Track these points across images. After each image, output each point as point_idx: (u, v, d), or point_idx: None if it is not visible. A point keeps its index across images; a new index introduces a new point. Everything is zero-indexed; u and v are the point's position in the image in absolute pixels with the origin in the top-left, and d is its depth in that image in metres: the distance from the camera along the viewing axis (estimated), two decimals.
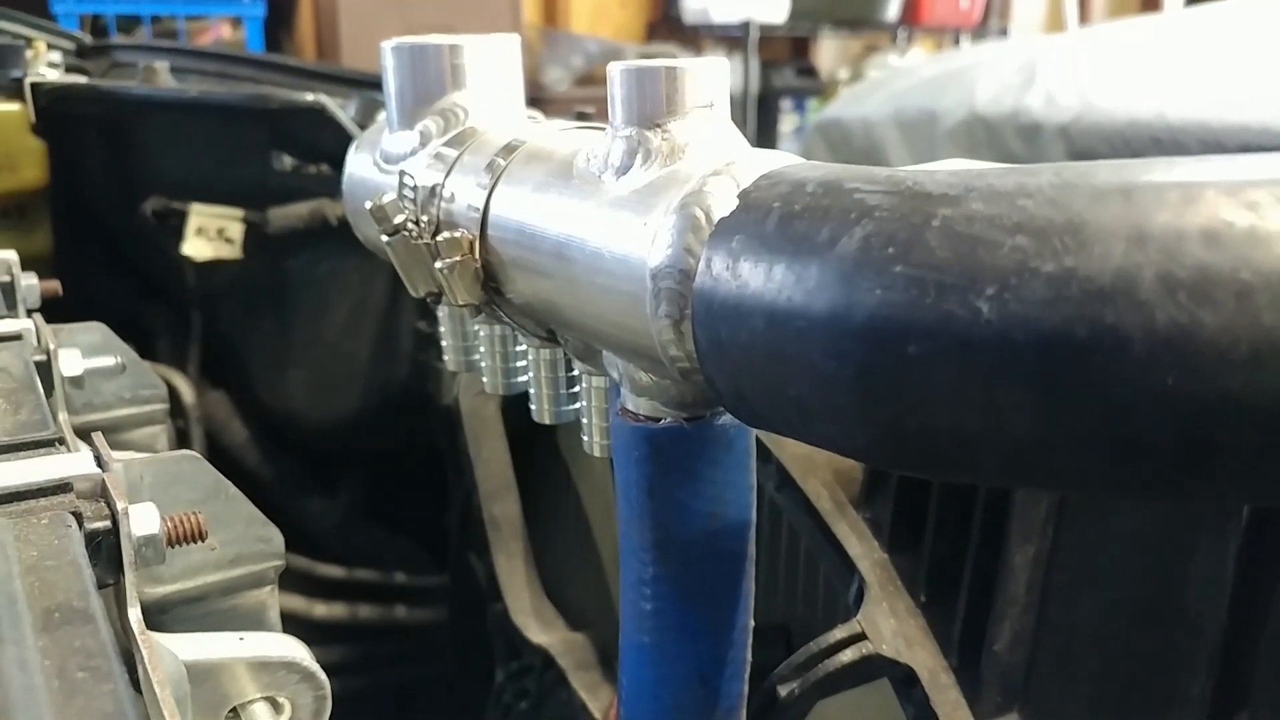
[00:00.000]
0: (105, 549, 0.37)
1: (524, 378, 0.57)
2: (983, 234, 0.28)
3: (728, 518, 0.44)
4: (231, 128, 1.03)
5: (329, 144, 0.97)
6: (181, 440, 1.10)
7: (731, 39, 4.07)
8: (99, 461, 0.41)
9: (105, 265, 1.13)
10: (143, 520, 0.39)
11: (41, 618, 0.30)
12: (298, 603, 1.19)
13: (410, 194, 0.52)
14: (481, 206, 0.47)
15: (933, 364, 0.28)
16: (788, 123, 4.22)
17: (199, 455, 0.46)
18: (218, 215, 1.02)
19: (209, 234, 1.02)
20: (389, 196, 0.50)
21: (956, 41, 4.57)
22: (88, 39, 1.34)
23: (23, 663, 0.28)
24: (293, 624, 1.17)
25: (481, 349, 0.58)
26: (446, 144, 0.53)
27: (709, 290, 0.34)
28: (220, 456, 1.15)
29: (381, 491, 1.23)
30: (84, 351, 0.65)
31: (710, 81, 0.39)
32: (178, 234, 1.03)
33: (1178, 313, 0.25)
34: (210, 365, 1.15)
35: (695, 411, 0.43)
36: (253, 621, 0.50)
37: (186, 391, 1.10)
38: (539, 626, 0.95)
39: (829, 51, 4.72)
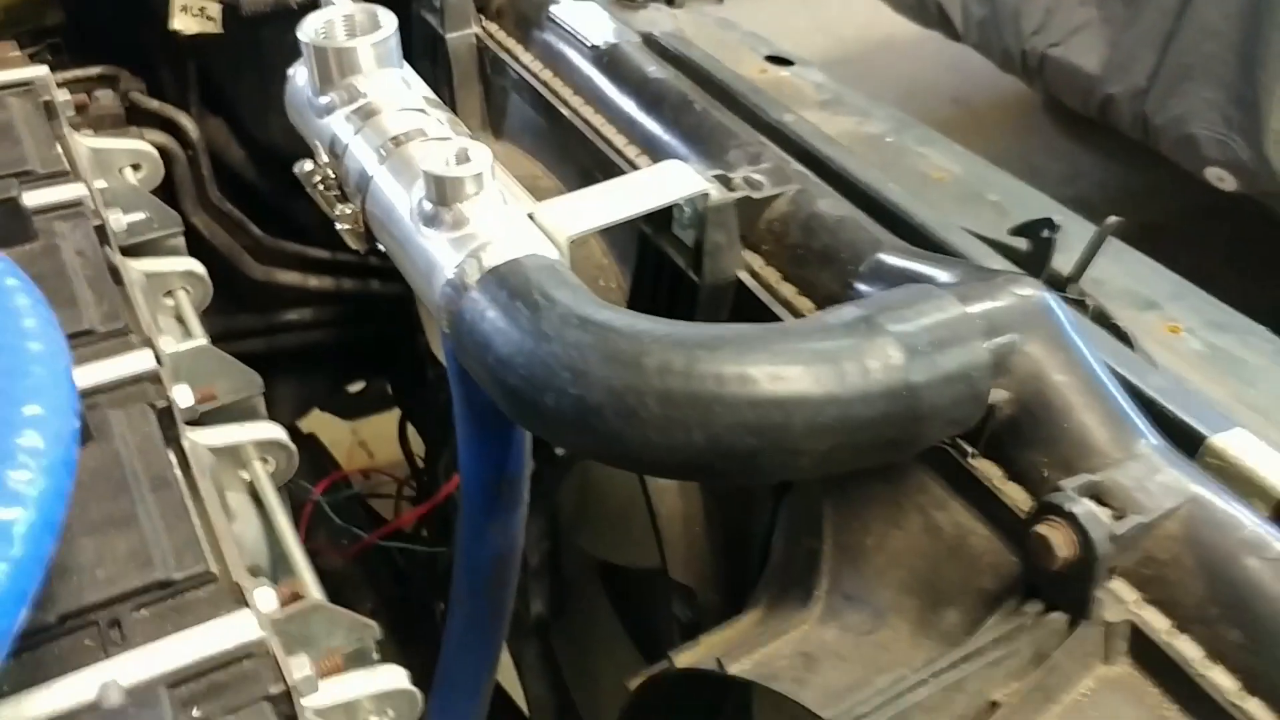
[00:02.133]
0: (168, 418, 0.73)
1: None
2: (565, 359, 0.60)
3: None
4: None
5: None
6: (191, 165, 1.41)
7: None
8: (157, 359, 0.75)
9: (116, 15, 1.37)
10: (183, 395, 0.74)
11: (151, 482, 0.66)
12: (294, 277, 1.55)
13: (324, 154, 0.81)
14: (366, 187, 0.77)
15: (556, 414, 0.60)
16: None
17: (209, 345, 0.80)
18: None
19: (192, 11, 1.25)
20: (309, 165, 0.80)
21: None
22: None
23: (144, 502, 0.64)
24: (293, 292, 1.54)
25: None
26: (351, 114, 0.80)
27: (460, 301, 0.66)
28: (222, 172, 1.47)
29: None
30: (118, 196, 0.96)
31: (484, 177, 0.68)
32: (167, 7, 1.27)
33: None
34: (209, 102, 1.42)
35: None
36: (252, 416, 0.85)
37: (191, 127, 1.39)
38: None
39: None
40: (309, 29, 0.81)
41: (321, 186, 0.81)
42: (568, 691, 1.22)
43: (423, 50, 1.15)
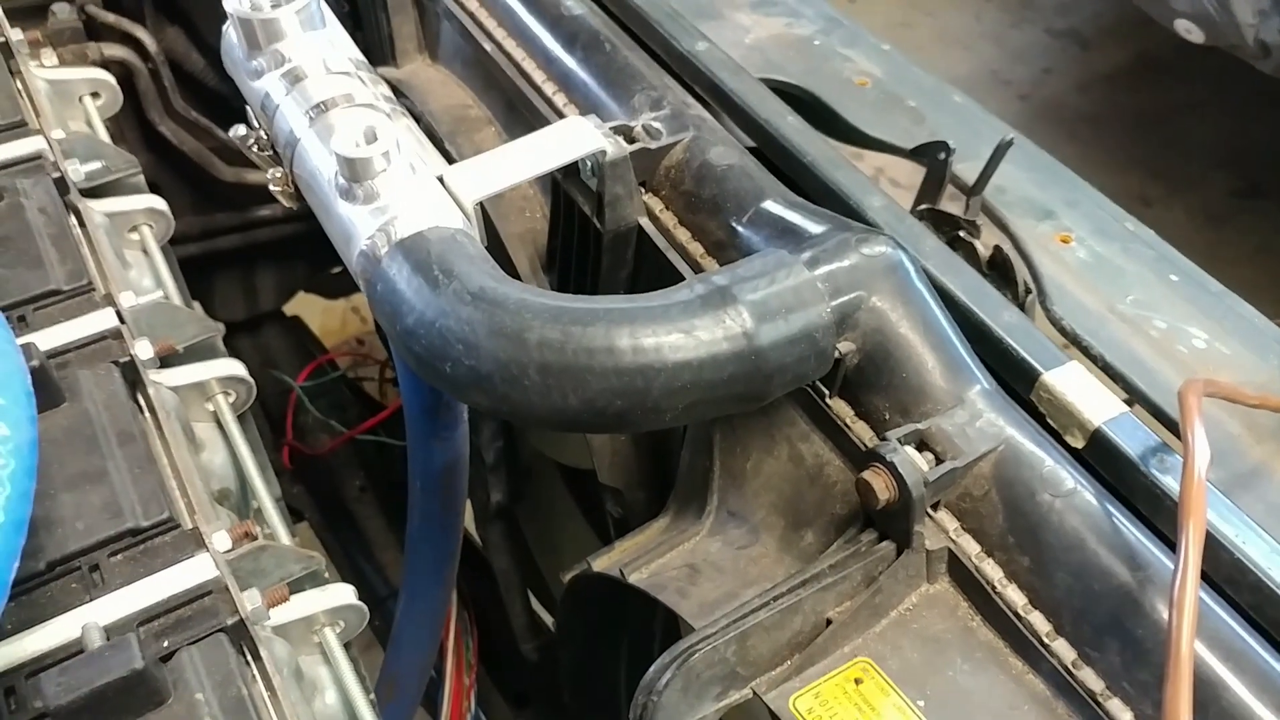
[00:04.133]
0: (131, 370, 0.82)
1: None
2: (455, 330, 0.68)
3: None
4: None
5: None
6: (153, 78, 1.46)
7: None
8: (119, 316, 0.84)
9: None
10: (144, 349, 0.83)
11: (119, 437, 0.76)
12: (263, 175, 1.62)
13: (258, 115, 0.87)
14: (293, 151, 0.84)
15: (453, 379, 0.69)
16: None
17: (165, 301, 0.89)
18: None
19: None
20: (243, 129, 0.87)
21: None
22: None
23: (113, 457, 0.74)
24: (264, 190, 1.60)
25: None
26: (279, 78, 0.86)
27: (373, 271, 0.74)
28: (185, 79, 1.52)
29: None
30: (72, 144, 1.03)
31: (391, 153, 0.75)
32: None
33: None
34: (165, 11, 1.46)
35: None
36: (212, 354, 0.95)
37: (149, 40, 1.43)
38: None
39: None
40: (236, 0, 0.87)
41: (256, 148, 0.88)
42: (531, 565, 1.35)
43: None
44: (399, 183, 0.76)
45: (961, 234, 0.99)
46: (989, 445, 0.68)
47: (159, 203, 1.08)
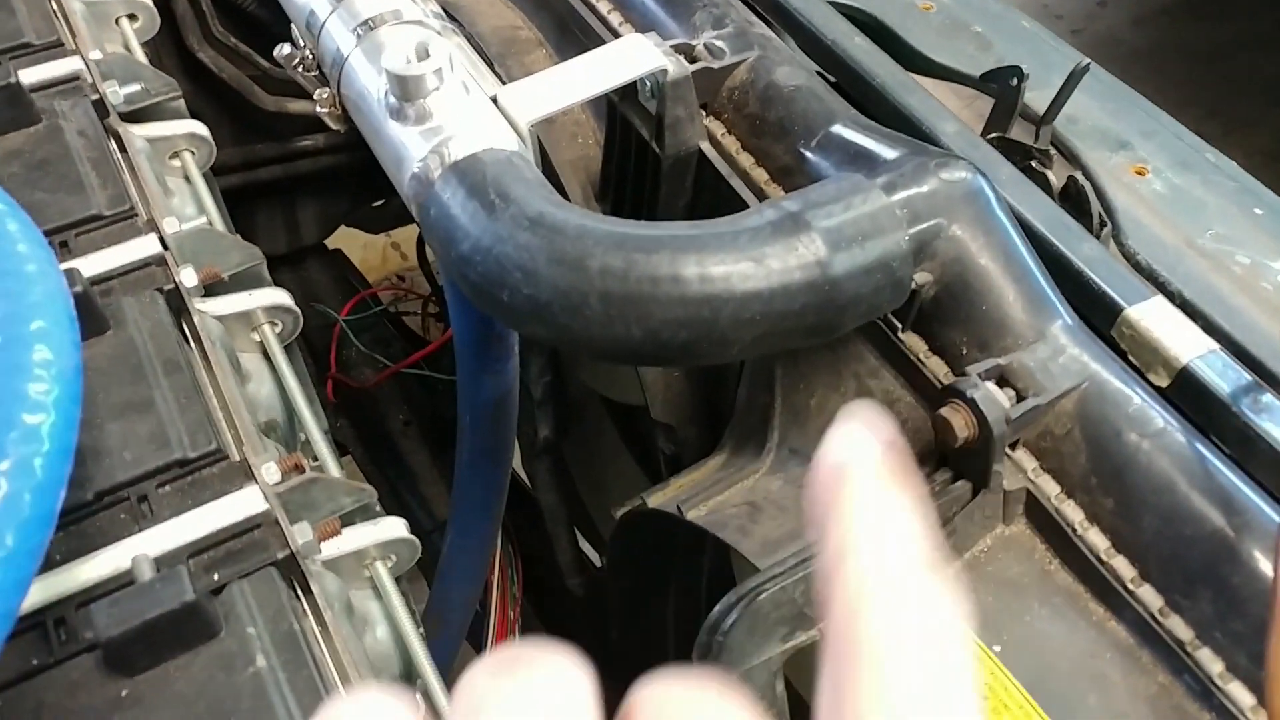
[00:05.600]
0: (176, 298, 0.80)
1: None
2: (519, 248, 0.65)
3: None
4: None
5: None
6: (191, 3, 1.43)
7: None
8: (162, 242, 0.82)
9: None
10: (189, 275, 0.81)
11: (165, 366, 0.74)
12: (305, 105, 1.58)
13: (303, 33, 0.84)
14: (340, 70, 0.81)
15: (510, 307, 0.67)
16: None
17: (208, 226, 0.86)
18: None
19: None
20: (287, 48, 0.83)
21: None
22: None
23: (159, 386, 0.73)
24: (305, 119, 1.58)
25: None
26: None
27: (426, 195, 0.71)
28: (224, 6, 1.48)
29: None
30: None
31: (444, 71, 0.72)
32: None
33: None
34: None
35: None
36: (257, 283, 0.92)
37: None
38: None
39: None
40: None
41: (301, 69, 0.84)
42: (577, 500, 1.34)
43: None
44: (452, 102, 0.73)
45: (1033, 164, 0.95)
46: (1072, 382, 0.65)
47: (200, 128, 1.05)
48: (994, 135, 0.97)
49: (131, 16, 1.16)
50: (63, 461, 0.52)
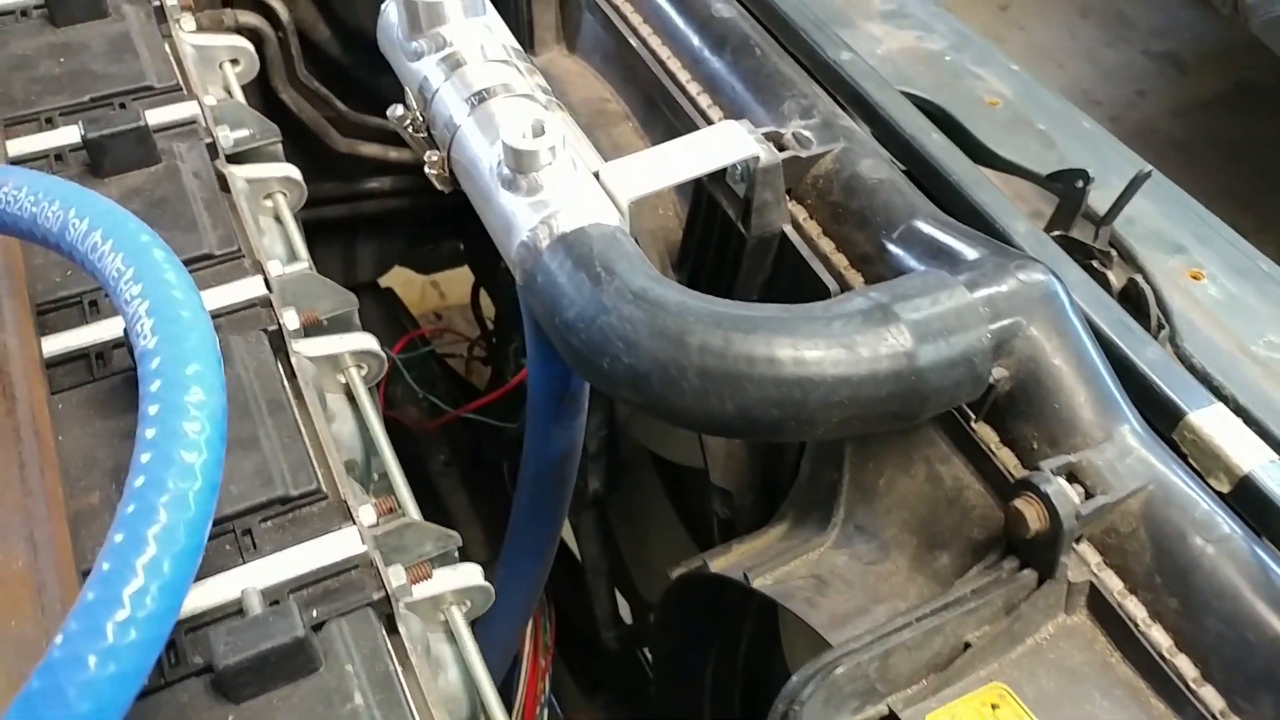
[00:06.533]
0: (279, 339, 0.84)
1: None
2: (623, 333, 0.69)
3: None
4: None
5: None
6: (280, 46, 1.49)
7: None
8: (267, 283, 0.86)
9: None
10: (291, 319, 0.85)
11: (269, 405, 0.77)
12: (376, 149, 1.64)
13: (414, 98, 0.89)
14: (452, 137, 0.85)
15: (610, 375, 0.70)
16: None
17: (310, 270, 0.91)
18: None
19: None
20: (400, 110, 0.88)
21: None
22: None
23: (264, 425, 0.76)
24: (374, 162, 1.63)
25: None
26: (439, 63, 0.87)
27: (533, 263, 0.75)
28: (310, 49, 1.54)
29: None
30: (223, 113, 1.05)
31: (557, 149, 0.76)
32: None
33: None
34: None
35: None
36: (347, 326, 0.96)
37: (281, 9, 1.46)
38: None
39: None
40: None
41: (411, 129, 0.89)
42: (619, 553, 1.37)
43: None
44: (562, 177, 0.77)
45: (1095, 263, 0.99)
46: (1139, 483, 0.68)
47: (294, 171, 1.10)
48: (1058, 234, 1.01)
49: (234, 61, 1.22)
50: (212, 496, 0.56)
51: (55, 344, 0.81)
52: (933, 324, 0.69)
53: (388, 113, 0.90)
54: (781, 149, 0.86)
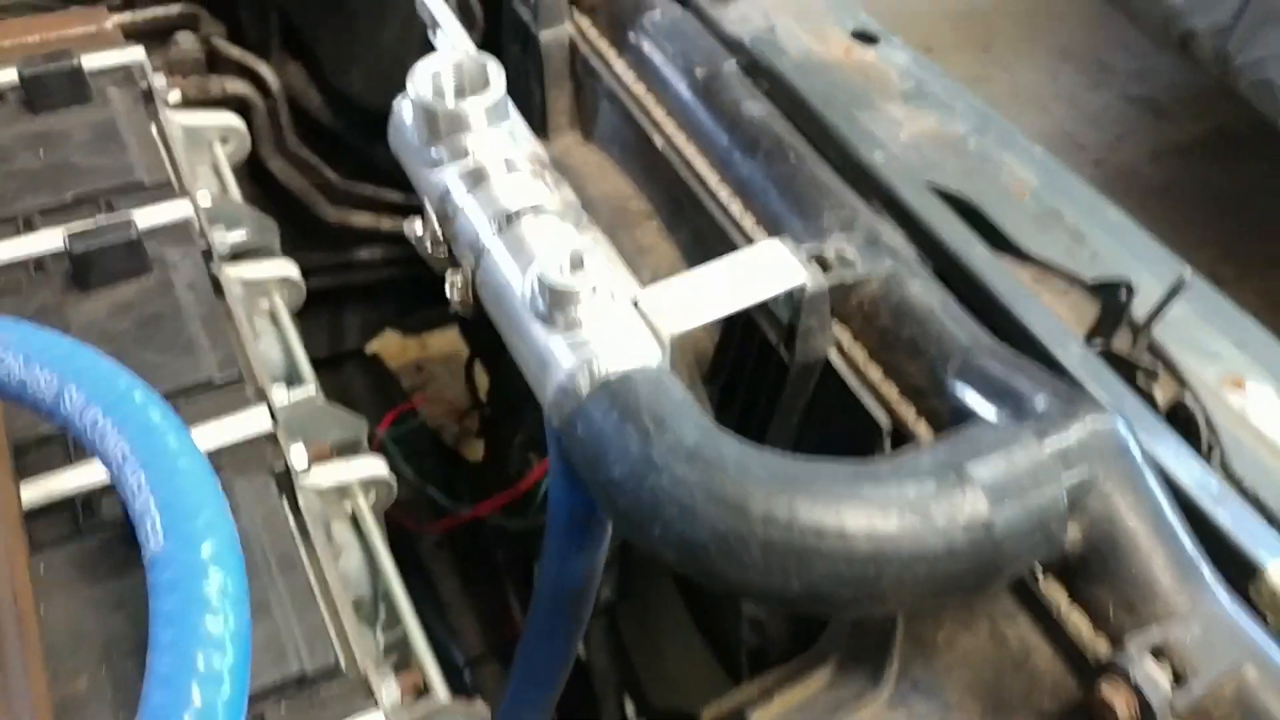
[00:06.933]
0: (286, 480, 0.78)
1: None
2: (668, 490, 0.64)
3: None
4: None
5: None
6: (269, 115, 1.42)
7: None
8: (271, 414, 0.79)
9: None
10: (299, 455, 0.79)
11: (279, 563, 0.71)
12: (367, 219, 1.58)
13: (433, 210, 0.83)
14: (478, 259, 0.79)
15: (662, 542, 0.65)
16: None
17: (316, 399, 0.84)
18: None
19: None
20: (419, 227, 0.82)
21: None
22: None
23: (274, 588, 0.70)
24: (365, 232, 1.57)
25: None
26: (462, 176, 0.81)
27: (573, 409, 0.69)
28: (300, 116, 1.48)
29: None
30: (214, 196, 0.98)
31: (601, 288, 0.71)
32: None
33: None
34: (290, 47, 1.42)
35: None
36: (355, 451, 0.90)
37: (271, 77, 1.39)
38: None
39: None
40: (419, 83, 0.82)
41: (430, 245, 0.83)
42: (629, 664, 1.31)
43: (513, 37, 1.15)
44: (600, 312, 0.72)
45: (1138, 380, 0.95)
46: (1231, 662, 0.63)
47: (293, 270, 1.04)
48: (1102, 349, 0.96)
49: (224, 140, 1.15)
50: (242, 700, 0.51)
51: (36, 491, 0.74)
52: (1009, 486, 0.64)
53: (404, 228, 0.84)
54: (826, 268, 0.81)
